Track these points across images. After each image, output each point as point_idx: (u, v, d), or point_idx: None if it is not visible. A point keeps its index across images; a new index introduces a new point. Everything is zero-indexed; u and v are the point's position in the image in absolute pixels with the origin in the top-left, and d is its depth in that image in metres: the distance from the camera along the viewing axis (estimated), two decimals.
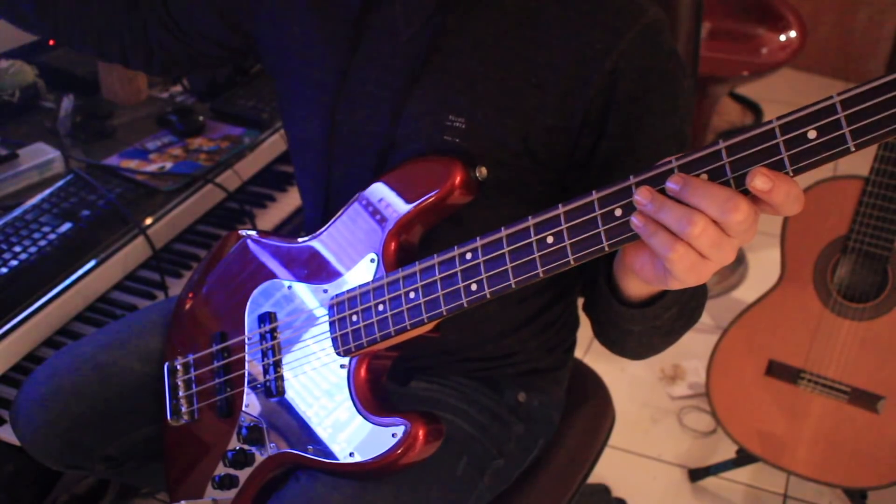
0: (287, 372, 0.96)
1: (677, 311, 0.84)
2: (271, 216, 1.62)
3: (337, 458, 0.90)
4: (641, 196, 0.67)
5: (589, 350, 2.13)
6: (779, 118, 0.62)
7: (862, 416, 1.60)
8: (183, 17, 1.11)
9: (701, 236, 0.65)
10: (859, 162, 1.64)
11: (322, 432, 0.93)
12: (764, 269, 2.53)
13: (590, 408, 1.28)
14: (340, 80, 0.98)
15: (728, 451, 1.89)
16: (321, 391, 0.93)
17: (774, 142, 0.62)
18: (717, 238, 0.65)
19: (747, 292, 2.46)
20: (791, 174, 0.62)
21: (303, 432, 0.94)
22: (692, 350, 2.26)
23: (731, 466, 1.87)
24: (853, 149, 0.59)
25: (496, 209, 0.77)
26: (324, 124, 0.99)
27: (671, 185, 0.66)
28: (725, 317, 1.84)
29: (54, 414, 1.09)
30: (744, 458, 1.84)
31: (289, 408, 0.96)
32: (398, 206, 0.89)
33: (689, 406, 2.10)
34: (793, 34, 2.53)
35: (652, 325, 0.84)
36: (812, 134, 0.61)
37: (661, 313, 0.82)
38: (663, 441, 2.01)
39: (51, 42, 1.71)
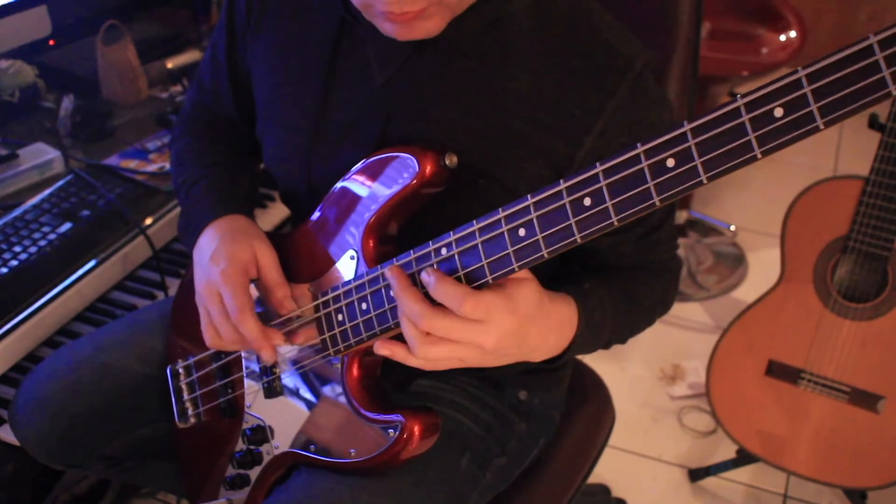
0: (283, 373, 0.97)
1: (612, 308, 0.89)
2: (271, 216, 1.62)
3: (337, 457, 0.91)
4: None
5: None
6: (743, 96, 0.59)
7: (862, 416, 1.60)
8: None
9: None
10: (859, 162, 1.64)
11: (321, 431, 0.93)
12: (764, 269, 2.53)
13: (590, 408, 1.28)
14: (315, 124, 0.96)
15: (728, 451, 1.90)
16: (317, 390, 0.93)
17: (740, 121, 0.59)
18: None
19: (747, 292, 2.46)
20: (759, 156, 0.60)
21: (303, 432, 0.95)
22: (692, 350, 2.26)
23: (731, 466, 1.87)
24: (822, 126, 0.56)
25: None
26: (302, 166, 0.98)
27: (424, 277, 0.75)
28: (725, 317, 1.84)
29: (53, 412, 1.09)
30: (744, 458, 1.84)
31: (288, 408, 0.96)
32: (373, 201, 0.88)
33: (689, 406, 2.10)
34: (793, 34, 2.53)
35: (602, 334, 0.89)
36: (778, 112, 0.57)
37: (593, 313, 0.86)
38: (663, 441, 2.01)
39: (51, 42, 1.70)
